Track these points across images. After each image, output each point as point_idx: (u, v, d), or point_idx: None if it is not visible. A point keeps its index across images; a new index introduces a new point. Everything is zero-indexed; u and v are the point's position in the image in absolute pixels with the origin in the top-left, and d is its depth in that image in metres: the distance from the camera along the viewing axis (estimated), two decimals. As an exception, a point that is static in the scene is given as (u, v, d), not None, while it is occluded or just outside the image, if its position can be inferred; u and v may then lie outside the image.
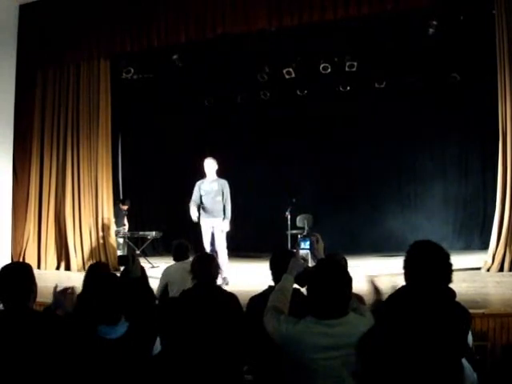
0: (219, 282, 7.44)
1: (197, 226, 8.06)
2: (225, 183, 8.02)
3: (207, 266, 3.98)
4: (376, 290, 3.23)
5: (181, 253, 5.92)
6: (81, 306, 3.21)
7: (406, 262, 2.84)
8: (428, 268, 2.73)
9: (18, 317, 2.94)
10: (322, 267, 2.83)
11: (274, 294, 2.97)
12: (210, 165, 8.08)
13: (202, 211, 7.99)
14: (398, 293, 2.85)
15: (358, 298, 3.88)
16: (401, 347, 2.62)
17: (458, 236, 11.64)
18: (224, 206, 7.91)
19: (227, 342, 3.66)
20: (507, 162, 7.76)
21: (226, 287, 7.31)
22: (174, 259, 5.97)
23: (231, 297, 3.97)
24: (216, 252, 7.79)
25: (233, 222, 8.03)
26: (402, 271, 2.89)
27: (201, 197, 8.02)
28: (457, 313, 2.73)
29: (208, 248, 7.85)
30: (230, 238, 8.11)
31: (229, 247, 8.02)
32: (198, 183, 8.13)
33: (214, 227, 7.88)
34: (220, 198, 7.92)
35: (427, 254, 2.78)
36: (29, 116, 10.19)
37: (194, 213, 7.86)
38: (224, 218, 7.89)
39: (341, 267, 2.84)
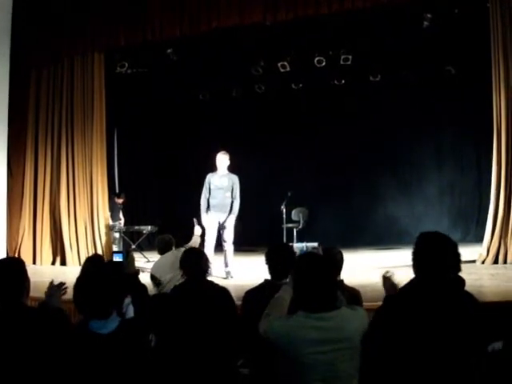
0: (223, 275, 7.56)
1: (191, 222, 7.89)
2: (235, 179, 7.82)
3: (197, 261, 3.97)
4: (391, 286, 3.20)
5: (164, 247, 5.95)
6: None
7: (414, 254, 2.84)
8: (438, 259, 2.74)
9: (11, 312, 2.93)
10: (303, 261, 2.82)
11: (271, 303, 2.94)
12: (223, 159, 7.84)
13: (210, 205, 7.79)
14: (409, 285, 2.85)
15: (355, 292, 3.88)
16: (414, 340, 2.63)
17: (454, 229, 11.64)
18: (232, 202, 7.73)
19: (219, 336, 3.65)
20: (501, 155, 7.78)
21: (231, 280, 7.39)
22: (159, 253, 5.98)
23: (223, 291, 3.96)
24: (222, 246, 7.77)
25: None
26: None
27: (210, 190, 7.83)
28: (468, 303, 2.76)
29: (210, 242, 7.71)
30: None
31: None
32: (209, 177, 7.89)
33: (221, 222, 7.74)
34: (229, 193, 7.74)
35: (436, 244, 2.79)
36: (23, 112, 10.16)
37: (203, 217, 7.71)
38: (230, 213, 7.72)
39: (321, 259, 2.84)
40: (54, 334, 2.73)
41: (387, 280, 3.24)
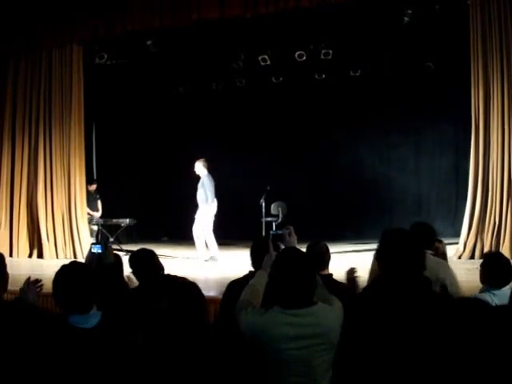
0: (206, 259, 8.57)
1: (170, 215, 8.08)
2: (203, 178, 8.76)
3: (146, 261, 3.91)
4: (354, 284, 3.18)
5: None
6: None
7: (378, 251, 2.79)
8: (401, 256, 2.67)
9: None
10: (284, 256, 2.77)
11: (246, 289, 2.92)
12: (196, 167, 8.85)
13: None
14: (374, 284, 2.82)
15: (343, 287, 3.82)
16: (383, 340, 2.60)
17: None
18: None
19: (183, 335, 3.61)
20: (479, 151, 7.87)
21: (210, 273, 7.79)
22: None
23: (185, 283, 3.93)
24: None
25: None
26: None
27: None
28: (436, 302, 2.70)
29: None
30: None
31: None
32: None
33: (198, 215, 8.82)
34: (202, 190, 8.75)
35: (399, 241, 2.72)
36: (0, 102, 10.03)
37: None
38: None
39: (303, 255, 2.79)
40: (29, 330, 2.66)
41: (350, 278, 3.22)
